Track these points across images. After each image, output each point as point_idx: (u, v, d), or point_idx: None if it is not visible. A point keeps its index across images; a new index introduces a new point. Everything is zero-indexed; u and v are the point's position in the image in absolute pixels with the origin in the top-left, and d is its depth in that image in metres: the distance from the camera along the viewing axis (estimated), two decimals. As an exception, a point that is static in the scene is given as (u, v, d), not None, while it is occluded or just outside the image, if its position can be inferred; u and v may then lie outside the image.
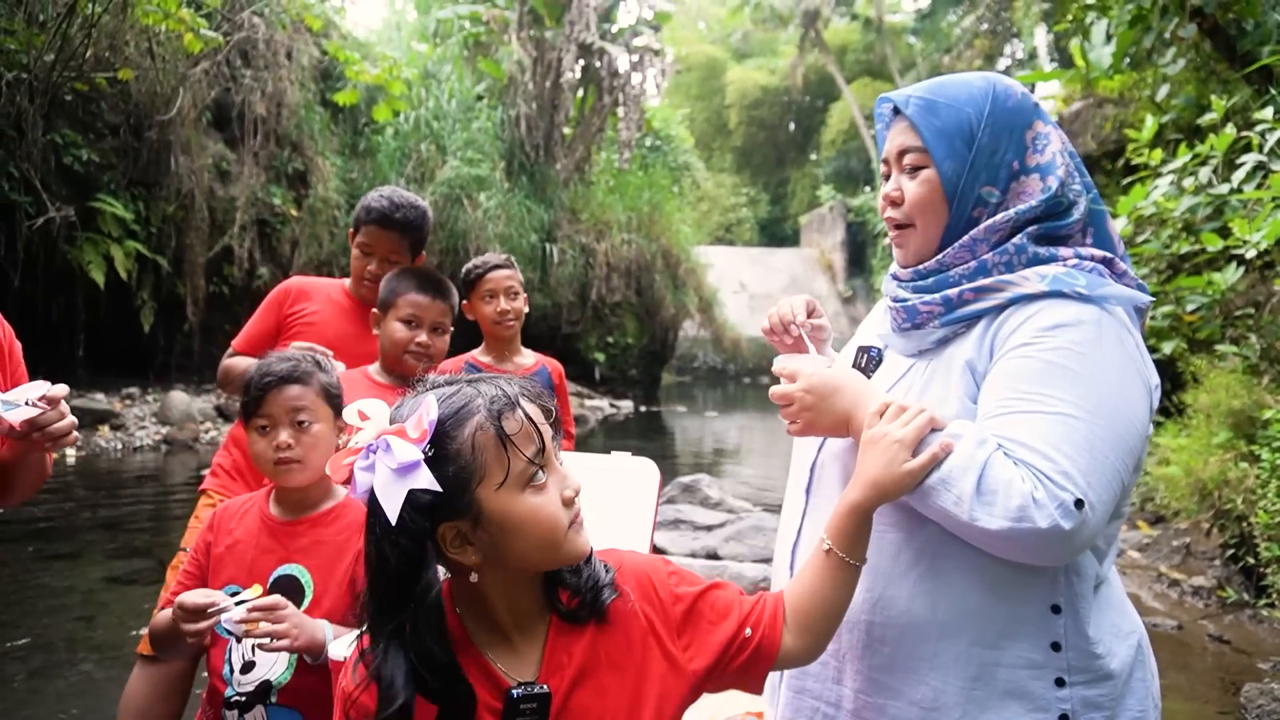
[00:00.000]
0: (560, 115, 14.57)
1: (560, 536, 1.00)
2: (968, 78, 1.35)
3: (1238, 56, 6.41)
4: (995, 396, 1.18)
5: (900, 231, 1.35)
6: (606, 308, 15.86)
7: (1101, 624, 1.22)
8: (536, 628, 1.06)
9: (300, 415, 1.69)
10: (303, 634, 1.56)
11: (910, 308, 1.31)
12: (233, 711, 1.67)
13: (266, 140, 11.04)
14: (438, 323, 2.30)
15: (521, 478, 0.97)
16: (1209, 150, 4.93)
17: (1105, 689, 1.19)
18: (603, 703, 1.04)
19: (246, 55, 10.71)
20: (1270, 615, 4.00)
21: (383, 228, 2.48)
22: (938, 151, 1.27)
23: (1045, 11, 15.67)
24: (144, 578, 4.64)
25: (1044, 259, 1.25)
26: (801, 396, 1.25)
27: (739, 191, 31.10)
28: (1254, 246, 4.04)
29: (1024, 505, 1.07)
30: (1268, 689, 3.20)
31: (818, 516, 1.38)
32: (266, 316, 2.56)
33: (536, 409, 1.01)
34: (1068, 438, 1.10)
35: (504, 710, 1.00)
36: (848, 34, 28.67)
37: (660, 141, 20.99)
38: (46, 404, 1.35)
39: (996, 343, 1.22)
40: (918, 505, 1.17)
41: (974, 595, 1.20)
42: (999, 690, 1.18)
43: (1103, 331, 1.18)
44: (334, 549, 1.73)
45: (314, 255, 11.41)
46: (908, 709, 1.23)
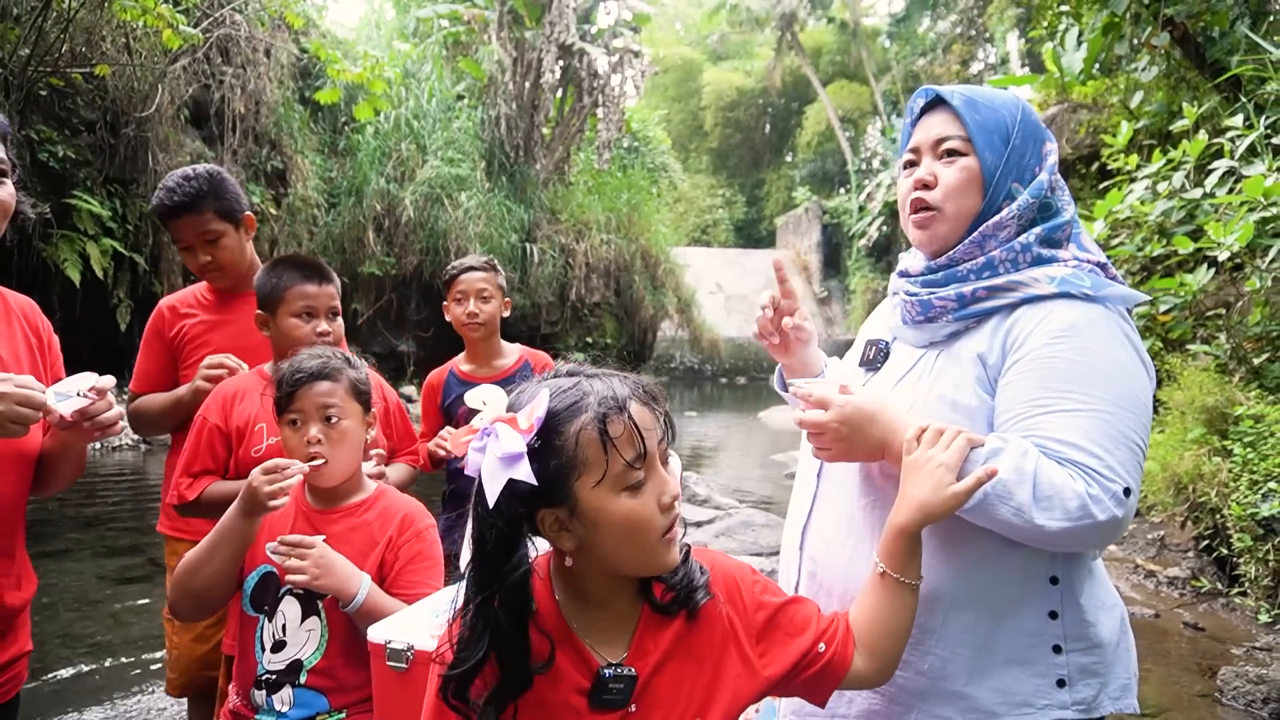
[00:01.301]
0: (540, 115, 14.58)
1: (649, 543, 1.02)
2: (1000, 90, 1.45)
3: (1207, 64, 6.61)
4: (1027, 397, 1.24)
5: (926, 215, 1.40)
6: (585, 308, 15.90)
7: (1093, 595, 1.31)
8: (628, 613, 1.10)
9: (330, 410, 1.74)
10: (329, 575, 1.63)
11: (925, 302, 1.37)
12: (261, 691, 1.72)
13: (245, 138, 10.95)
14: (331, 306, 2.17)
15: (619, 480, 0.99)
16: (1182, 156, 5.09)
17: (1097, 656, 1.28)
18: (679, 691, 1.08)
19: (226, 52, 10.62)
20: (1242, 603, 4.15)
21: (174, 217, 2.28)
22: (980, 141, 1.35)
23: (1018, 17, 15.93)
24: (135, 576, 4.62)
25: (1046, 260, 1.33)
26: (836, 428, 1.27)
27: (715, 193, 31.26)
28: (1227, 249, 4.19)
29: (1083, 504, 1.15)
30: (1243, 672, 3.34)
31: (826, 503, 1.44)
32: (155, 350, 2.37)
33: (646, 411, 1.02)
34: (1105, 433, 1.19)
35: (592, 687, 1.05)
36: (823, 36, 28.92)
37: (638, 143, 21.06)
38: (95, 394, 1.38)
39: (1010, 339, 1.29)
40: (972, 518, 1.22)
41: (980, 569, 1.28)
42: (1001, 658, 1.26)
43: (1112, 329, 1.26)
44: (366, 536, 1.78)
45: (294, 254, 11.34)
46: (915, 679, 1.30)
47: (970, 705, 1.27)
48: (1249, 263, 4.85)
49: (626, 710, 1.06)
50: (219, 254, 2.31)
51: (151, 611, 4.19)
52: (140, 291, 10.15)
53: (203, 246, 2.29)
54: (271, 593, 1.75)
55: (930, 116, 1.42)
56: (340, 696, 1.73)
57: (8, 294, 1.58)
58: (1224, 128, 5.05)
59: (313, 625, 1.75)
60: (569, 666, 1.06)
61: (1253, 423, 4.27)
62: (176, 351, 2.35)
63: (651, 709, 1.07)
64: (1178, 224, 5.06)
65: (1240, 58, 5.74)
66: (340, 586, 1.65)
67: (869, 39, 27.07)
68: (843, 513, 1.40)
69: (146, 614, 4.14)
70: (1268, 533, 3.96)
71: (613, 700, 1.05)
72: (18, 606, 1.56)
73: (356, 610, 1.67)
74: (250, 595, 1.78)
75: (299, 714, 1.71)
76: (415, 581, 1.78)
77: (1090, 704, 1.26)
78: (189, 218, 2.26)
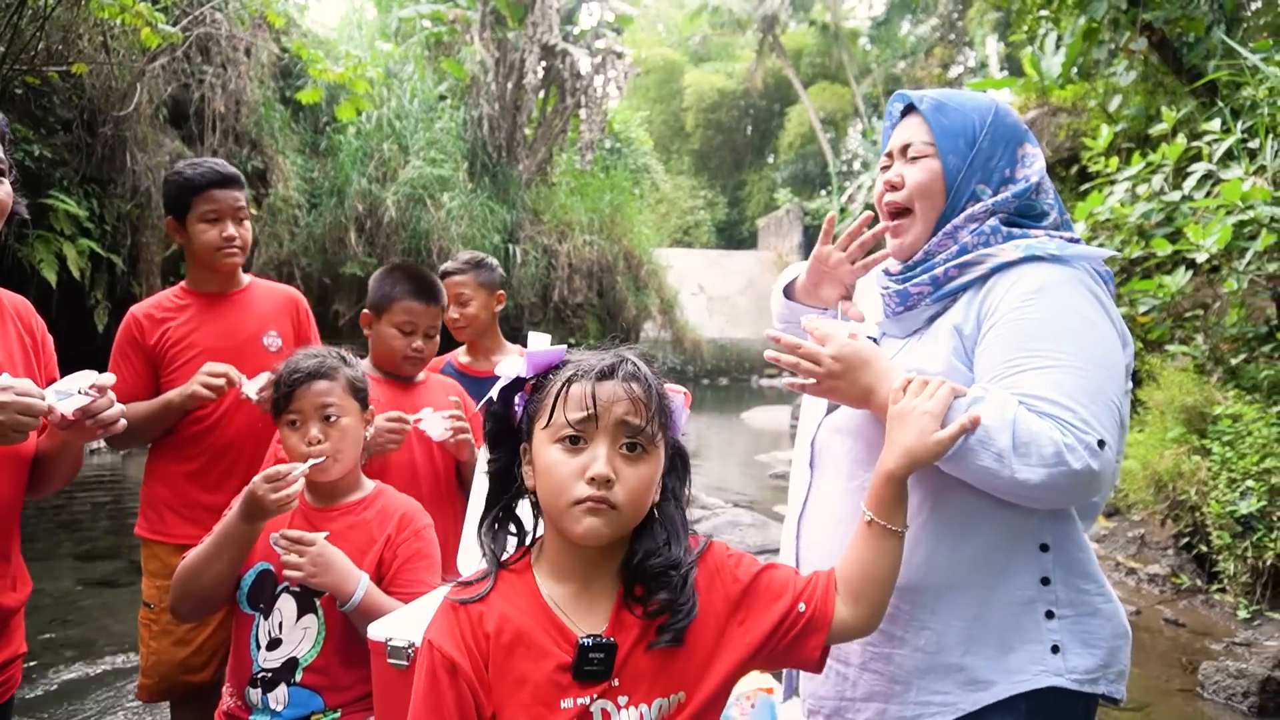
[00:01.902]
0: (523, 116, 14.56)
1: (561, 503, 1.06)
2: (975, 94, 1.50)
3: (1184, 69, 6.72)
4: (1001, 358, 1.27)
5: (898, 220, 1.45)
6: (568, 309, 15.89)
7: (1085, 564, 1.34)
8: (606, 590, 1.14)
9: (328, 410, 1.75)
10: (327, 573, 1.64)
11: (902, 292, 1.42)
12: (256, 690, 1.71)
13: (225, 138, 10.86)
14: (431, 327, 2.29)
15: (556, 430, 1.07)
16: (1161, 159, 5.17)
17: (1091, 627, 1.31)
18: (661, 666, 1.11)
19: (206, 51, 10.53)
20: (1222, 599, 4.22)
21: (220, 186, 2.28)
22: (943, 145, 1.40)
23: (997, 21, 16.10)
24: (118, 579, 4.57)
25: (1017, 236, 1.37)
26: (830, 363, 1.30)
27: (697, 194, 31.31)
28: (1206, 251, 4.26)
29: (1058, 452, 1.17)
30: (1223, 666, 3.39)
31: (821, 490, 1.47)
32: (132, 360, 2.29)
33: (619, 388, 1.07)
34: (1079, 387, 1.22)
35: (574, 660, 1.07)
36: (804, 39, 29.07)
37: (620, 144, 21.06)
38: (96, 392, 1.37)
39: (985, 308, 1.33)
40: (951, 469, 1.25)
41: (972, 540, 1.31)
42: (996, 627, 1.29)
43: (1080, 288, 1.30)
44: (365, 534, 1.79)
45: (274, 255, 11.26)
46: (913, 655, 1.33)
47: (969, 677, 1.29)
48: (1225, 265, 4.94)
49: (609, 682, 1.08)
50: (244, 232, 2.32)
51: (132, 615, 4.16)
52: (118, 292, 10.03)
53: (235, 221, 2.30)
54: (268, 590, 1.75)
55: (905, 121, 1.49)
56: (335, 695, 1.73)
57: (1, 293, 1.57)
58: (1201, 132, 5.13)
59: (309, 623, 1.75)
60: (550, 645, 1.09)
61: (1231, 422, 4.35)
62: (158, 359, 2.29)
63: (635, 682, 1.09)
64: (1156, 226, 5.14)
65: (1217, 63, 5.84)
66: (338, 585, 1.66)
67: (850, 41, 27.24)
68: (834, 496, 1.43)
69: (128, 616, 4.10)
70: (1246, 530, 4.03)
71: (594, 672, 1.08)
72: (13, 608, 1.55)
73: (354, 609, 1.67)
74: (247, 593, 1.78)
75: (294, 713, 1.71)
76: (414, 580, 1.79)
77: (1085, 675, 1.28)
78: (233, 190, 2.30)
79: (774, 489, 8.17)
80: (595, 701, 1.08)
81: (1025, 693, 1.27)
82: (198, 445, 2.30)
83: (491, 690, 1.08)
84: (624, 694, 1.09)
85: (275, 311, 2.46)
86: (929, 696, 1.31)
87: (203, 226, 2.28)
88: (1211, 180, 4.71)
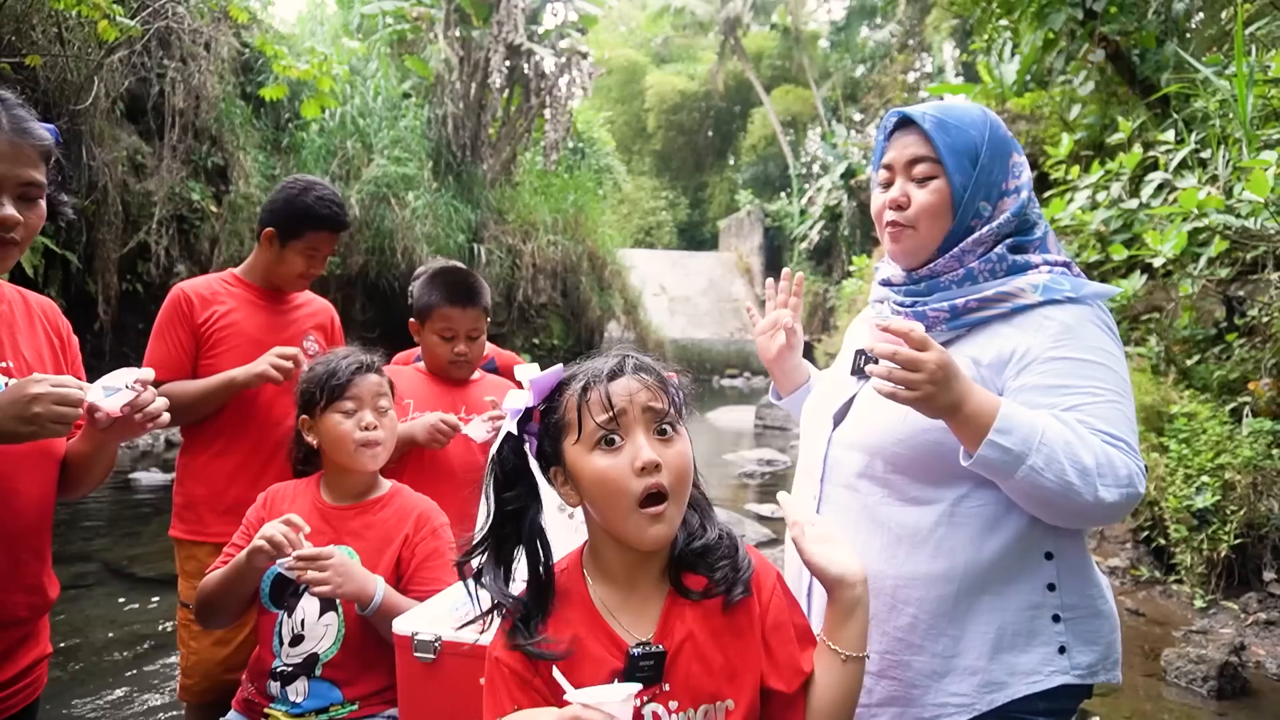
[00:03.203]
0: (487, 115, 14.50)
1: (623, 506, 1.08)
2: (966, 105, 1.54)
3: (1137, 81, 6.97)
4: (1046, 396, 1.34)
5: (899, 229, 1.49)
6: (533, 309, 15.85)
7: (1086, 567, 1.43)
8: (654, 593, 1.17)
9: (381, 400, 1.83)
10: (348, 582, 1.67)
11: (919, 313, 1.46)
12: (276, 682, 1.75)
13: (185, 133, 10.65)
14: (472, 330, 2.34)
15: (591, 437, 1.10)
16: (1119, 168, 5.37)
17: (1093, 625, 1.40)
18: (707, 669, 1.14)
19: (166, 44, 10.32)
20: (1179, 590, 4.40)
21: (336, 229, 2.42)
22: (950, 164, 1.44)
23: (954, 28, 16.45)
24: (94, 583, 4.50)
25: (1021, 267, 1.44)
26: (934, 370, 1.24)
27: (659, 195, 31.42)
28: (1164, 256, 4.44)
29: (1130, 475, 1.28)
30: (1184, 653, 3.56)
31: (833, 503, 1.52)
32: (178, 333, 2.32)
33: (633, 382, 1.11)
34: (1121, 417, 1.32)
35: (624, 668, 1.11)
36: (765, 42, 29.33)
37: (583, 144, 21.07)
38: (140, 386, 1.39)
39: (1006, 347, 1.39)
40: (1028, 486, 1.26)
41: (983, 552, 1.38)
42: (1008, 631, 1.37)
43: (1099, 325, 1.40)
44: (382, 533, 1.82)
45: (235, 252, 11.06)
46: (930, 660, 1.40)
47: (984, 680, 1.36)
48: (1179, 270, 5.15)
49: (660, 686, 1.12)
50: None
51: (152, 616, 4.12)
52: (73, 290, 9.78)
53: (322, 262, 2.44)
54: (290, 588, 1.77)
55: (903, 135, 1.50)
56: (354, 689, 1.77)
57: (29, 295, 1.57)
58: (1156, 141, 5.34)
59: (330, 620, 1.79)
60: (602, 651, 1.13)
61: (1186, 420, 4.54)
62: (203, 339, 2.34)
63: (682, 686, 1.13)
64: (1115, 232, 5.34)
65: (1170, 76, 6.07)
66: (359, 591, 1.69)
67: (810, 45, 27.56)
68: (851, 511, 1.48)
69: (101, 623, 4.05)
70: (1201, 524, 4.22)
71: (645, 677, 1.11)
72: (44, 608, 1.55)
73: (375, 612, 1.70)
74: (269, 591, 1.81)
75: (313, 704, 1.75)
76: (432, 578, 1.83)
77: (1088, 669, 1.38)
78: (338, 235, 2.46)
79: (742, 487, 8.27)
80: (646, 705, 1.11)
81: (1039, 692, 1.35)
82: (238, 438, 2.34)
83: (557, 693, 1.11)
84: (674, 699, 1.12)
85: (317, 318, 2.55)
86: (946, 699, 1.38)
87: (297, 259, 2.38)
88: (1167, 189, 4.91)
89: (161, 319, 2.36)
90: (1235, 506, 4.12)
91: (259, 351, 2.25)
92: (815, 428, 1.59)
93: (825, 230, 21.74)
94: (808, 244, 22.32)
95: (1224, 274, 5.13)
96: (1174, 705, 3.39)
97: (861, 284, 16.47)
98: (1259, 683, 3.54)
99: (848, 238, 20.83)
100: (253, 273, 2.46)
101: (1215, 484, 4.17)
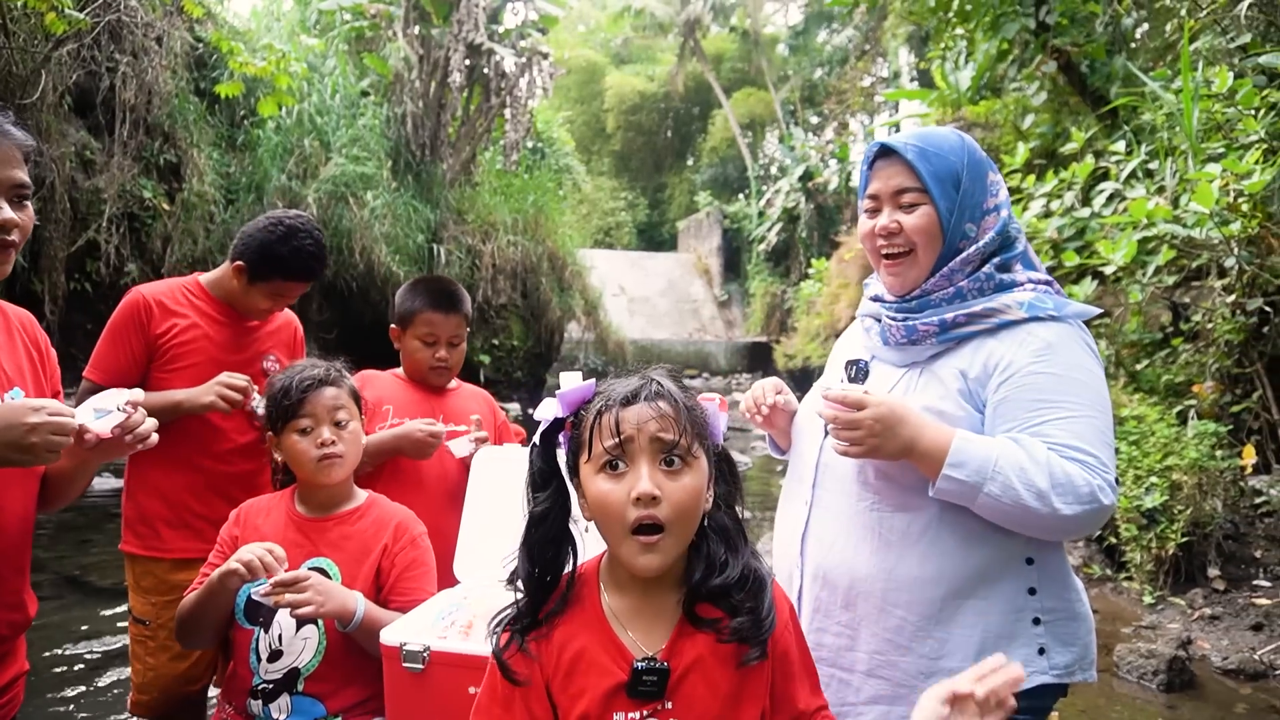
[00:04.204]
0: (447, 114, 14.40)
1: (617, 531, 1.11)
2: (942, 132, 1.61)
3: (1088, 92, 7.18)
4: (1023, 411, 1.42)
5: (897, 261, 1.56)
6: (492, 310, 15.73)
7: (1064, 572, 1.50)
8: (667, 608, 1.18)
9: (339, 414, 1.79)
10: (329, 601, 1.66)
11: (910, 326, 1.54)
12: (258, 700, 1.73)
13: (136, 129, 10.39)
14: (454, 336, 2.36)
15: (599, 459, 1.13)
16: (1071, 177, 5.54)
17: (1071, 627, 1.48)
18: (712, 693, 1.15)
19: (117, 38, 10.06)
20: (1129, 587, 4.56)
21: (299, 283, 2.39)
22: (935, 192, 1.51)
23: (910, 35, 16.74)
24: (48, 595, 4.39)
25: (1007, 285, 1.52)
26: (871, 424, 1.39)
27: (618, 195, 31.41)
28: (1115, 264, 4.60)
29: (1092, 491, 1.34)
30: (1135, 648, 3.69)
31: (824, 509, 1.58)
32: (129, 341, 2.27)
33: (646, 410, 1.12)
34: (1094, 434, 1.39)
35: (628, 680, 1.13)
36: (725, 44, 29.49)
37: (543, 144, 21.01)
38: (130, 407, 1.38)
39: (992, 360, 1.47)
40: (990, 508, 1.37)
41: (970, 558, 1.44)
42: (992, 633, 1.43)
43: (1080, 344, 1.48)
44: (360, 544, 1.82)
45: (188, 252, 10.83)
46: (917, 661, 1.46)
47: None
48: (1127, 277, 5.32)
49: (662, 703, 1.13)
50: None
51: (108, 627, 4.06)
52: (18, 290, 9.49)
53: (289, 302, 2.45)
54: (265, 604, 1.76)
55: (886, 165, 1.57)
56: (337, 701, 1.76)
57: (7, 307, 1.54)
58: (1107, 151, 5.52)
59: (309, 633, 1.78)
60: (608, 662, 1.14)
61: (1136, 423, 4.70)
62: (158, 350, 2.26)
63: (686, 706, 1.13)
64: (1068, 240, 5.50)
65: (1119, 89, 6.27)
66: (340, 609, 1.68)
67: (769, 48, 27.79)
68: (842, 516, 1.53)
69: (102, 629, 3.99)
70: (1150, 523, 4.37)
71: (648, 692, 1.12)
72: (24, 624, 1.53)
73: (357, 627, 1.70)
74: (244, 607, 1.79)
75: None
76: (412, 589, 1.83)
77: (1065, 669, 1.45)
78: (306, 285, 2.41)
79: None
80: (646, 719, 1.13)
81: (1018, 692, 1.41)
82: (193, 452, 2.28)
83: (556, 700, 1.14)
84: (675, 717, 1.13)
85: (279, 335, 2.51)
86: None
87: (262, 298, 2.36)
88: (1118, 198, 5.08)
89: (116, 321, 2.28)
90: (1182, 506, 4.28)
91: (216, 370, 2.21)
92: (807, 435, 1.65)
93: (783, 232, 21.96)
94: (766, 245, 22.52)
95: (1170, 281, 5.32)
96: (1126, 699, 3.51)
97: (820, 286, 16.67)
98: (1205, 676, 3.69)
99: (805, 240, 21.07)
100: (218, 288, 2.40)
101: (1163, 484, 4.33)
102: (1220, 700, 3.49)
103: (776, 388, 1.76)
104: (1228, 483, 4.49)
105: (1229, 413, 4.95)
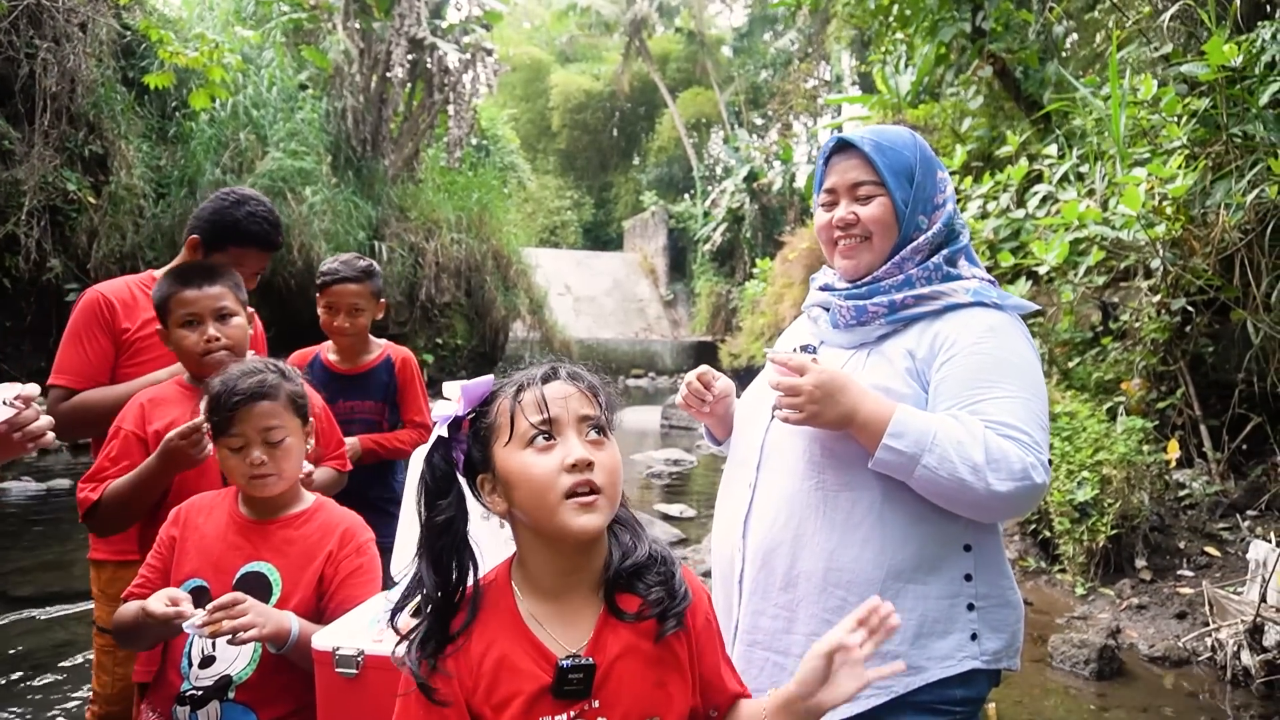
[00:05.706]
0: (388, 110, 14.15)
1: (551, 500, 1.08)
2: (896, 129, 1.67)
3: (1022, 97, 7.37)
4: (962, 387, 1.45)
5: (853, 246, 1.60)
6: (435, 308, 15.56)
7: (999, 560, 1.53)
8: (587, 606, 1.16)
9: (272, 432, 1.69)
10: (268, 622, 1.59)
11: (859, 307, 1.57)
12: (185, 706, 1.65)
13: (58, 119, 9.96)
14: (218, 309, 2.03)
15: (523, 437, 1.10)
16: (1007, 179, 5.68)
17: (1002, 614, 1.50)
18: (638, 688, 1.14)
19: (37, 23, 9.64)
20: (1063, 579, 4.68)
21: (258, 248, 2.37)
22: (891, 184, 1.56)
23: (852, 39, 17.01)
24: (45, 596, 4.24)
25: (954, 276, 1.58)
26: (810, 391, 1.41)
27: (564, 194, 31.32)
28: (1048, 264, 4.72)
29: (1024, 468, 1.36)
30: (1068, 638, 3.79)
31: (770, 489, 1.58)
32: (98, 339, 2.22)
33: (567, 386, 1.13)
34: (1029, 414, 1.42)
35: (553, 680, 1.10)
36: (670, 44, 29.61)
37: (488, 141, 20.80)
38: (21, 403, 1.29)
39: (939, 339, 1.51)
40: (926, 482, 1.39)
41: (911, 541, 1.46)
42: (930, 617, 1.45)
43: (1019, 332, 1.53)
44: (303, 550, 1.75)
45: (115, 247, 10.44)
46: None
47: (904, 664, 1.43)
48: (1060, 277, 5.48)
49: (588, 702, 1.11)
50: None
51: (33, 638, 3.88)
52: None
53: (249, 280, 2.32)
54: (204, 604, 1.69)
55: (842, 159, 1.62)
56: (269, 710, 1.69)
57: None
58: (1041, 154, 5.67)
59: (244, 640, 1.70)
60: (530, 665, 1.11)
61: (1068, 419, 4.83)
62: (124, 345, 2.24)
63: (612, 703, 1.12)
64: (1003, 241, 5.64)
65: (1052, 95, 6.45)
66: (278, 630, 1.60)
67: (714, 49, 27.98)
68: (786, 496, 1.53)
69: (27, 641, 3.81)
70: (1082, 516, 4.50)
71: (574, 691, 1.10)
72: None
73: (291, 648, 1.62)
74: (180, 611, 1.71)
75: (227, 730, 1.66)
76: (354, 596, 1.76)
77: (994, 655, 1.47)
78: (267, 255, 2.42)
79: (647, 487, 8.35)
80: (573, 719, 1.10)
81: (953, 676, 1.44)
82: None
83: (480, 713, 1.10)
84: (603, 716, 1.11)
85: None
86: None
87: None
88: (1051, 200, 5.22)
89: (78, 323, 2.25)
90: (1112, 500, 4.41)
91: None
92: (752, 418, 1.66)
93: (728, 232, 22.14)
94: (711, 245, 22.67)
95: (1100, 281, 5.49)
96: (1059, 687, 3.61)
97: (765, 285, 16.83)
98: (1133, 663, 3.80)
99: (750, 240, 21.27)
100: None
101: (1094, 479, 4.45)
102: (1148, 687, 3.61)
103: (712, 375, 1.77)
104: (1154, 476, 4.64)
105: (1155, 409, 5.12)
